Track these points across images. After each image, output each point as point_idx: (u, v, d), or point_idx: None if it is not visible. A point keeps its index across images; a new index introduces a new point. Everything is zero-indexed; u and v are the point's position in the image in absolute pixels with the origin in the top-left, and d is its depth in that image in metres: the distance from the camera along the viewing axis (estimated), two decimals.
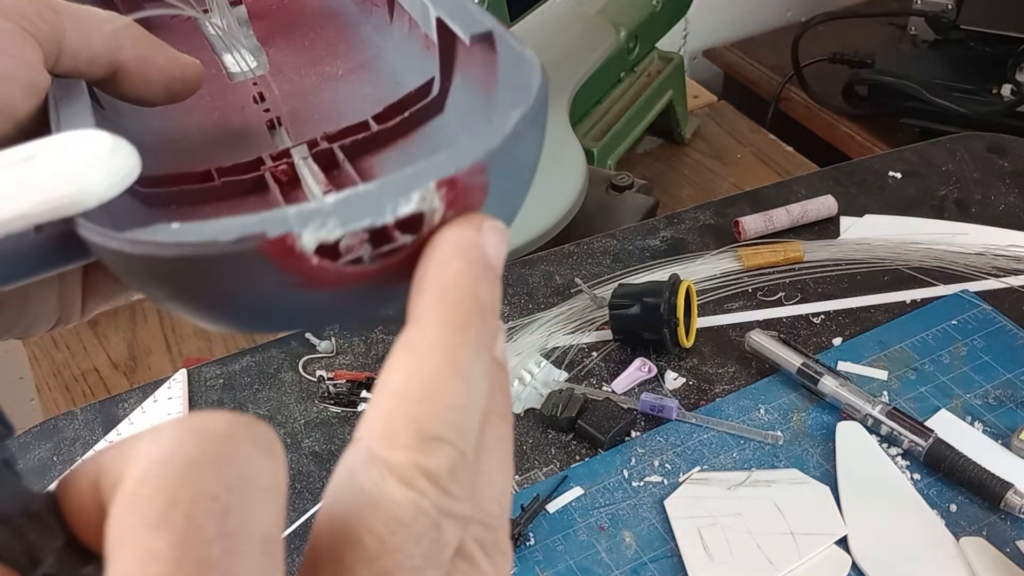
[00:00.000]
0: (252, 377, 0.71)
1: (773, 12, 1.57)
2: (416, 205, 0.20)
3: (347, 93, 0.36)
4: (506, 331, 0.22)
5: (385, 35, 0.38)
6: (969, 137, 0.92)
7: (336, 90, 0.37)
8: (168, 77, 0.31)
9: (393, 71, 0.36)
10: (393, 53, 0.37)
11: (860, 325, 0.70)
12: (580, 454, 0.63)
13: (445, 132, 0.31)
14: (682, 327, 0.67)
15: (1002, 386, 0.64)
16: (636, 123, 1.10)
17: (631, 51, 1.10)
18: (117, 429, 0.66)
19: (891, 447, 0.61)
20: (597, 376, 0.68)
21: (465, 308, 0.20)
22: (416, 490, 0.18)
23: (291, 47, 0.40)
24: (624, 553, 0.56)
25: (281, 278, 0.20)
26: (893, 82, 1.23)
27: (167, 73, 0.31)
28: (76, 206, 0.22)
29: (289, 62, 0.39)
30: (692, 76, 1.41)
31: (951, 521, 0.56)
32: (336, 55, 0.39)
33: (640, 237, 0.81)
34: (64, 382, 0.98)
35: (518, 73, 0.25)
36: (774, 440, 0.62)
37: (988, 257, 0.75)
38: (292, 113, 0.35)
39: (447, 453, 0.18)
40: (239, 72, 0.38)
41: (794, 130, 1.33)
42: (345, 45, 0.40)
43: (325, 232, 0.20)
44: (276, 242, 0.19)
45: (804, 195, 0.83)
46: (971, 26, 1.22)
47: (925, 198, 0.84)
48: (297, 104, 0.36)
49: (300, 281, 0.20)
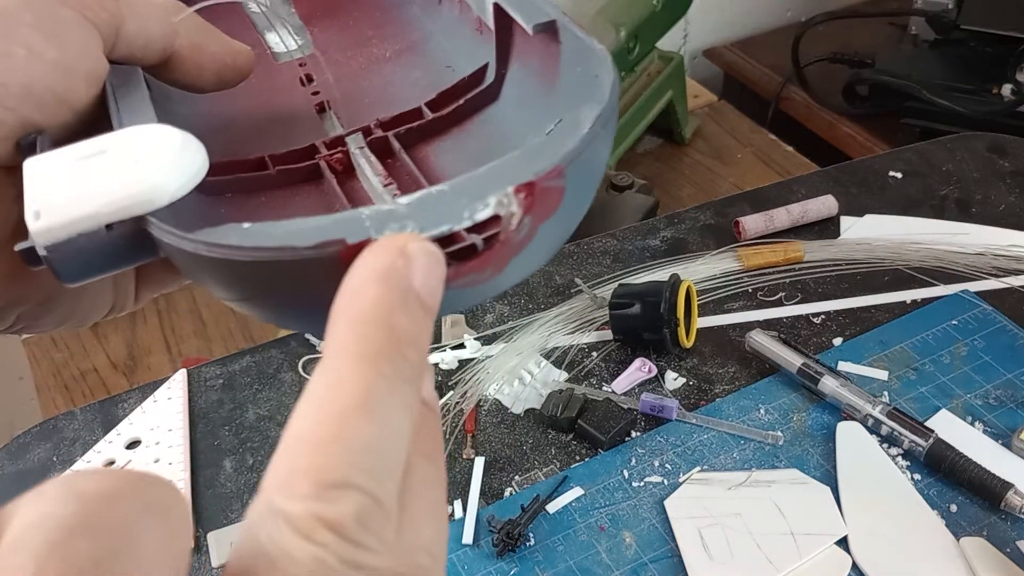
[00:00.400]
0: (252, 377, 0.71)
1: (773, 12, 1.57)
2: (493, 209, 0.20)
3: (396, 77, 0.35)
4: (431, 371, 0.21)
5: (434, 17, 0.37)
6: (969, 137, 0.92)
7: (384, 73, 0.36)
8: (220, 64, 0.31)
9: (444, 55, 0.35)
10: (443, 36, 0.36)
11: (860, 325, 0.70)
12: (580, 454, 0.63)
13: (501, 121, 0.30)
14: (682, 327, 0.67)
15: (1002, 386, 0.64)
16: (636, 123, 1.10)
17: (631, 51, 1.10)
18: (117, 429, 0.66)
19: (891, 447, 0.61)
20: (597, 376, 0.68)
21: (377, 340, 0.18)
22: (316, 543, 0.16)
23: (335, 27, 0.39)
24: (624, 553, 0.56)
25: None
26: (893, 82, 1.23)
27: (219, 60, 0.31)
28: (148, 204, 0.22)
29: (334, 43, 0.38)
30: (692, 76, 1.41)
31: (951, 521, 0.56)
32: (383, 36, 0.38)
33: (640, 237, 0.81)
34: (64, 382, 0.98)
35: (585, 66, 0.24)
36: (774, 440, 0.62)
37: (988, 257, 0.75)
38: (342, 96, 0.35)
39: (354, 500, 0.17)
40: (284, 52, 0.38)
41: (794, 130, 1.33)
42: (392, 26, 0.38)
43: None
44: (355, 248, 0.19)
45: (804, 195, 0.83)
46: (971, 26, 1.22)
47: (925, 198, 0.84)
48: (346, 87, 0.35)
49: None
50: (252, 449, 0.65)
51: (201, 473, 0.63)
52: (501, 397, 0.67)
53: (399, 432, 0.18)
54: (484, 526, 0.57)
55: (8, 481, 0.64)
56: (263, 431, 0.66)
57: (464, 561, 0.56)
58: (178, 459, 0.63)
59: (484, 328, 0.73)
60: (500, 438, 0.64)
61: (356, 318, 0.18)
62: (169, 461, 0.63)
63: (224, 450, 0.65)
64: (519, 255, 0.21)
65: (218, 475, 0.63)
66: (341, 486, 0.17)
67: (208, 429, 0.66)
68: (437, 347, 0.71)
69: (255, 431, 0.66)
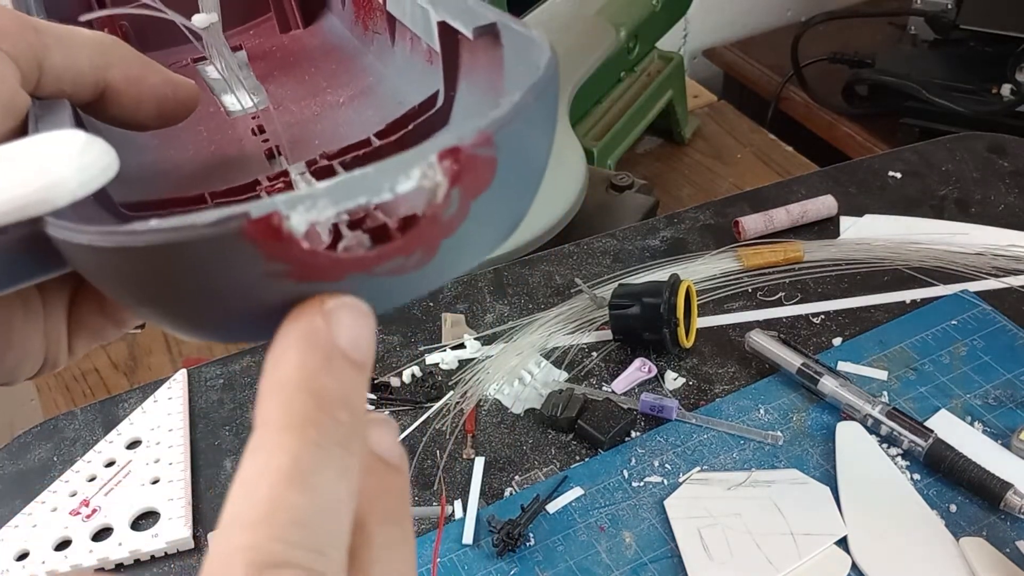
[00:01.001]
0: (252, 377, 0.71)
1: (773, 12, 1.57)
2: (417, 182, 0.18)
3: (349, 118, 0.35)
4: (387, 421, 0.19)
5: (387, 60, 0.37)
6: (969, 137, 0.92)
7: (337, 116, 0.35)
8: (160, 97, 0.29)
9: (396, 92, 0.35)
10: (396, 76, 0.36)
11: (860, 325, 0.70)
12: (580, 454, 0.63)
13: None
14: (682, 327, 0.67)
15: (1002, 386, 0.64)
16: (636, 123, 1.10)
17: (631, 51, 1.10)
18: (117, 429, 0.66)
19: (891, 447, 0.61)
20: (597, 376, 0.68)
21: (301, 406, 0.17)
22: None
23: (291, 82, 0.39)
24: (624, 553, 0.56)
25: (267, 267, 0.18)
26: (893, 82, 1.23)
27: (158, 93, 0.29)
28: (45, 204, 0.20)
29: (289, 95, 0.38)
30: (692, 76, 1.41)
31: (951, 521, 0.56)
32: (337, 85, 0.38)
33: (640, 237, 0.81)
34: (64, 382, 0.98)
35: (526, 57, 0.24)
36: (774, 440, 0.62)
37: (988, 257, 0.75)
38: (292, 141, 0.34)
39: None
40: (239, 110, 0.37)
41: (794, 130, 1.33)
42: (347, 75, 0.38)
43: (316, 213, 0.18)
44: (260, 222, 0.17)
45: (804, 195, 0.83)
46: (971, 26, 1.22)
47: (925, 198, 0.84)
48: (297, 132, 0.35)
49: (289, 270, 0.18)
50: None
51: (201, 473, 0.63)
52: (501, 397, 0.67)
53: (335, 499, 0.17)
54: (484, 526, 0.57)
55: (8, 481, 0.64)
56: None
57: (464, 561, 0.56)
58: (178, 459, 0.63)
59: (484, 328, 0.73)
60: (500, 438, 0.64)
61: (278, 386, 0.18)
62: (169, 461, 0.63)
63: (224, 450, 0.65)
64: (451, 236, 0.19)
65: (218, 475, 0.63)
66: (279, 565, 0.16)
67: (208, 429, 0.66)
68: (437, 347, 0.71)
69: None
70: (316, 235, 0.18)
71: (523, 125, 0.20)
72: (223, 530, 0.17)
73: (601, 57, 1.03)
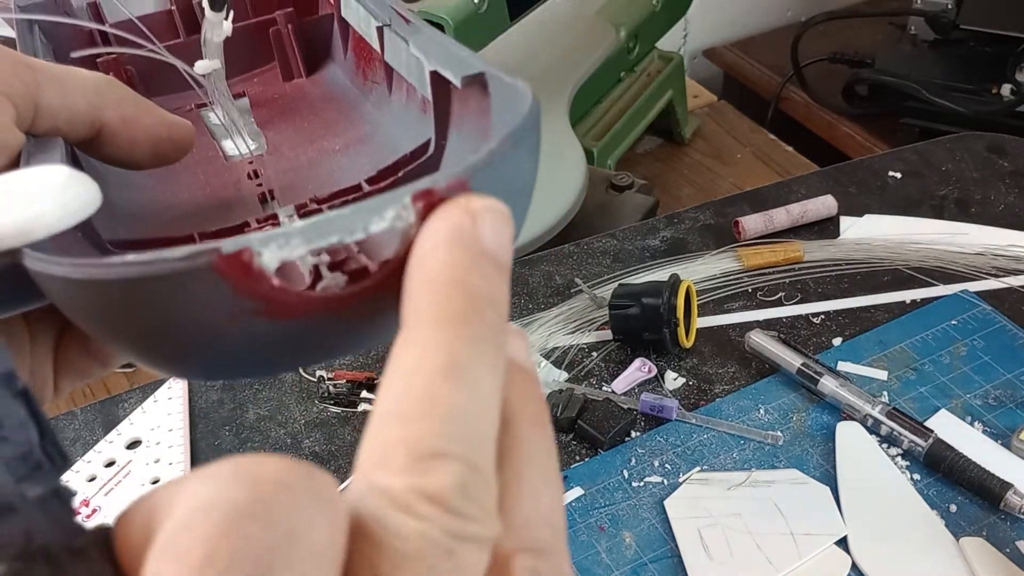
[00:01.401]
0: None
1: (773, 12, 1.57)
2: (390, 222, 0.18)
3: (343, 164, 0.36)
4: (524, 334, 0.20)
5: (384, 109, 0.38)
6: (969, 137, 0.92)
7: (332, 163, 0.36)
8: (154, 138, 0.29)
9: (391, 141, 0.35)
10: (392, 124, 0.36)
11: (860, 325, 0.70)
12: (580, 454, 0.63)
13: None
14: (682, 327, 0.67)
15: (1002, 386, 0.64)
16: (636, 123, 1.10)
17: (631, 51, 1.10)
18: (117, 429, 0.66)
19: (891, 447, 0.61)
20: (597, 376, 0.68)
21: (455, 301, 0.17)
22: (419, 517, 0.16)
23: (290, 129, 0.40)
24: (624, 553, 0.56)
25: (238, 303, 0.18)
26: (893, 82, 1.23)
27: (153, 134, 0.29)
28: (22, 236, 0.21)
29: (288, 142, 0.39)
30: (692, 76, 1.41)
31: (951, 521, 0.56)
32: (335, 133, 0.38)
33: (640, 237, 0.81)
34: None
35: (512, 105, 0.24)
36: (774, 440, 0.62)
37: (988, 257, 0.75)
38: (287, 185, 0.35)
39: (452, 470, 0.16)
40: (237, 155, 0.38)
41: (794, 130, 1.33)
42: (345, 123, 0.39)
43: (288, 250, 0.18)
44: (231, 258, 0.17)
45: (804, 195, 0.83)
46: (971, 26, 1.22)
47: (925, 198, 0.84)
48: (291, 178, 0.35)
49: (260, 308, 0.18)
50: (252, 449, 0.65)
51: None
52: None
53: (489, 396, 0.17)
54: None
55: None
56: (263, 431, 0.66)
57: None
58: (178, 459, 0.63)
59: None
60: None
61: (427, 283, 0.18)
62: (169, 461, 0.63)
63: (224, 450, 0.65)
64: None
65: None
66: (437, 456, 0.16)
67: (208, 429, 0.66)
68: None
69: (255, 431, 0.66)
70: (290, 273, 0.18)
71: (499, 170, 0.20)
72: (379, 423, 0.17)
73: (601, 57, 1.03)
